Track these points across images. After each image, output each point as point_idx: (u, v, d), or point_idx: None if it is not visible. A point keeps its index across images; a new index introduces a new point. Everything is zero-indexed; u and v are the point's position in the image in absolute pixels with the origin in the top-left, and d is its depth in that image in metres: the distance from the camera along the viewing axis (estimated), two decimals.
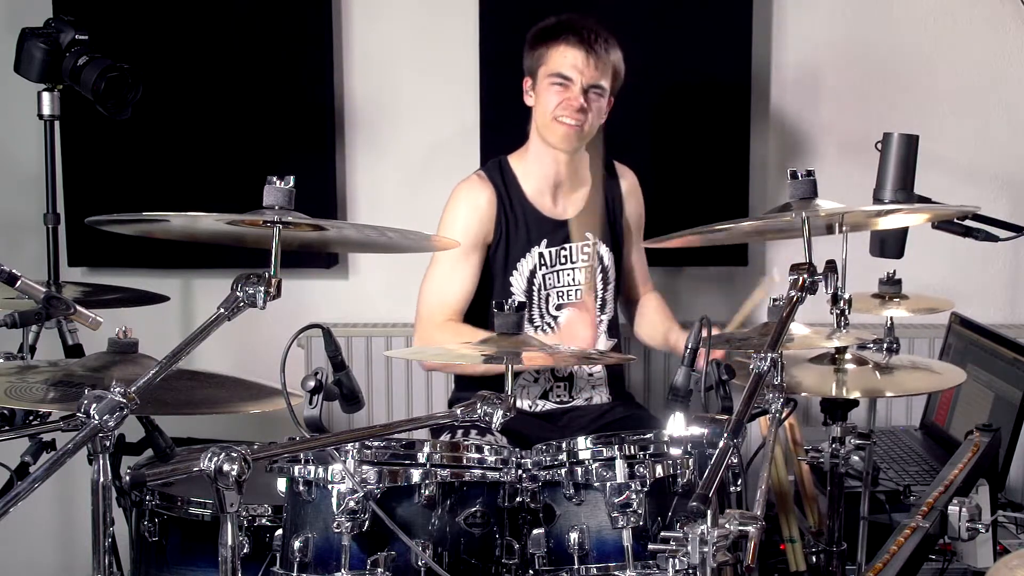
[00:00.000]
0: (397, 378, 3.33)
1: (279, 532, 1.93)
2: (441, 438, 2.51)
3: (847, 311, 1.90)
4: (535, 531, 1.92)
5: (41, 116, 2.88)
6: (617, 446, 1.90)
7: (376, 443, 1.87)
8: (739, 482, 1.87)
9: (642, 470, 1.88)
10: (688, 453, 1.91)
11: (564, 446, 1.94)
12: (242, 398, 2.03)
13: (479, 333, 2.55)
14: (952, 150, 3.30)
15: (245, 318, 1.78)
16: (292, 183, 1.83)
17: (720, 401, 1.92)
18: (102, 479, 1.53)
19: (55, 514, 3.45)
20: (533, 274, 2.76)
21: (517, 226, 2.75)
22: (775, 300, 1.90)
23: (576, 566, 1.89)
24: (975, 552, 2.20)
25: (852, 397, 2.22)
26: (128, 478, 1.71)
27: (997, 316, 3.36)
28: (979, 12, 3.32)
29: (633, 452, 1.90)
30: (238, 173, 3.16)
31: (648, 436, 1.93)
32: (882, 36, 3.34)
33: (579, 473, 1.90)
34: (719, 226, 2.07)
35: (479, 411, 1.82)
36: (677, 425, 1.89)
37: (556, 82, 2.66)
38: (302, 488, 1.88)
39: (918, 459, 2.90)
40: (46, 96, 2.86)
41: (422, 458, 1.87)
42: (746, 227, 2.29)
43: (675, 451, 1.91)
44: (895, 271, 2.68)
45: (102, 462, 1.52)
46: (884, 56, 3.34)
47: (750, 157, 3.32)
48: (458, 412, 1.82)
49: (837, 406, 2.19)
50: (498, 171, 2.79)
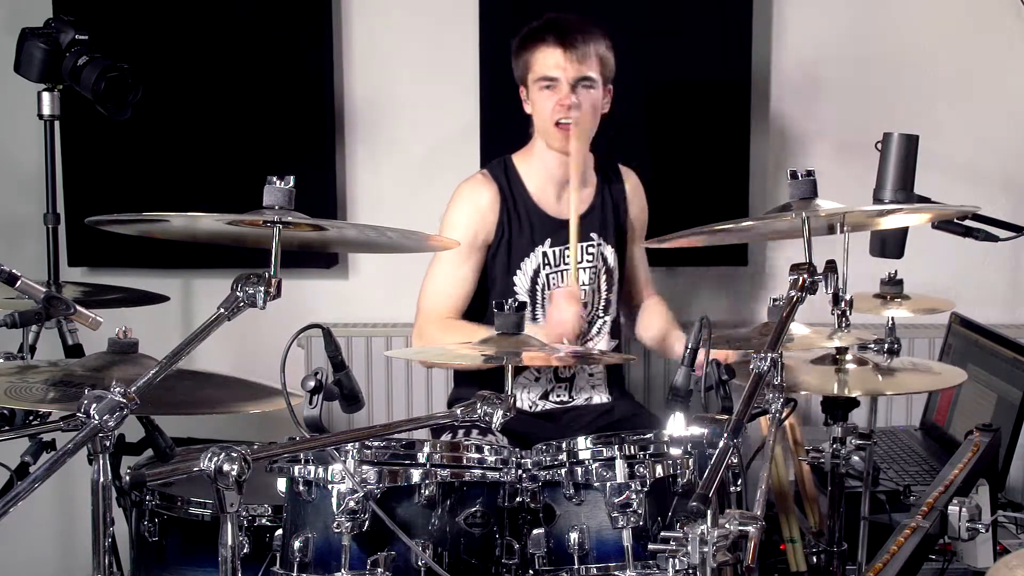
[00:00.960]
0: (397, 378, 3.33)
1: (279, 532, 1.93)
2: (441, 438, 2.51)
3: (848, 311, 1.90)
4: (535, 531, 1.92)
5: (41, 116, 2.88)
6: (617, 446, 1.90)
7: (376, 443, 1.87)
8: (739, 482, 1.87)
9: (642, 470, 1.88)
10: (688, 453, 1.91)
11: (564, 446, 1.94)
12: (242, 398, 2.03)
13: (475, 329, 2.57)
14: (952, 150, 3.29)
15: (245, 318, 1.78)
16: (292, 183, 1.83)
17: (720, 401, 1.91)
18: (102, 479, 1.53)
19: (55, 514, 3.45)
20: (537, 273, 2.76)
21: (520, 225, 2.75)
22: (775, 300, 1.89)
23: (576, 566, 1.89)
24: (975, 552, 2.20)
25: (853, 396, 2.22)
26: (128, 478, 1.72)
27: (997, 316, 3.36)
28: (979, 12, 3.32)
29: (633, 452, 1.90)
30: (238, 173, 3.15)
31: (648, 436, 1.93)
32: (882, 36, 3.34)
33: (579, 473, 1.91)
34: (719, 226, 2.07)
35: (479, 411, 1.82)
36: (677, 425, 1.89)
37: (544, 85, 2.67)
38: (302, 488, 1.88)
39: (918, 459, 2.90)
40: (46, 96, 2.86)
41: (422, 458, 1.87)
42: (746, 227, 2.29)
43: (675, 451, 1.91)
44: (896, 271, 2.68)
45: (102, 462, 1.52)
46: (884, 56, 3.34)
47: (750, 157, 3.32)
48: (458, 412, 1.82)
49: (838, 406, 2.19)
50: (502, 170, 2.79)
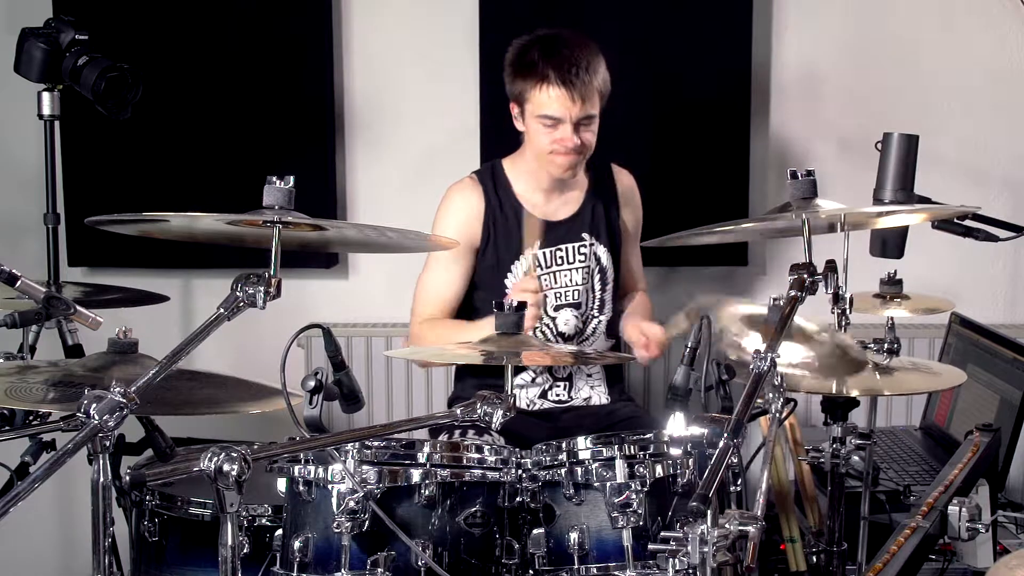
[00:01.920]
0: (397, 378, 3.33)
1: (279, 532, 1.93)
2: (439, 438, 2.51)
3: (848, 311, 1.90)
4: (535, 531, 1.92)
5: (41, 116, 2.88)
6: (617, 446, 1.90)
7: (376, 443, 1.87)
8: (739, 482, 1.87)
9: (642, 470, 1.88)
10: (688, 453, 1.91)
11: (564, 446, 1.94)
12: (242, 398, 2.03)
13: (461, 325, 2.64)
14: (952, 150, 3.30)
15: (245, 318, 1.78)
16: (292, 183, 1.83)
17: (720, 401, 1.92)
18: (102, 479, 1.53)
19: (55, 514, 3.45)
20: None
21: (508, 229, 2.75)
22: (775, 299, 1.89)
23: (576, 566, 1.89)
24: (975, 552, 2.20)
25: (853, 395, 2.22)
26: (128, 478, 1.72)
27: (997, 316, 3.36)
28: (979, 12, 3.32)
29: (633, 452, 1.90)
30: (238, 173, 3.15)
31: (648, 436, 1.93)
32: (882, 36, 3.34)
33: (579, 473, 1.91)
34: (719, 226, 2.07)
35: (479, 411, 1.82)
36: (677, 425, 1.89)
37: (545, 124, 2.62)
38: (302, 488, 1.88)
39: (918, 459, 2.90)
40: (46, 96, 2.86)
41: (422, 458, 1.87)
42: (746, 227, 2.29)
43: (675, 451, 1.91)
44: (896, 271, 2.68)
45: (102, 462, 1.52)
46: (884, 56, 3.34)
47: (750, 157, 3.32)
48: (458, 412, 1.82)
49: (837, 406, 2.18)
50: (490, 174, 2.80)
